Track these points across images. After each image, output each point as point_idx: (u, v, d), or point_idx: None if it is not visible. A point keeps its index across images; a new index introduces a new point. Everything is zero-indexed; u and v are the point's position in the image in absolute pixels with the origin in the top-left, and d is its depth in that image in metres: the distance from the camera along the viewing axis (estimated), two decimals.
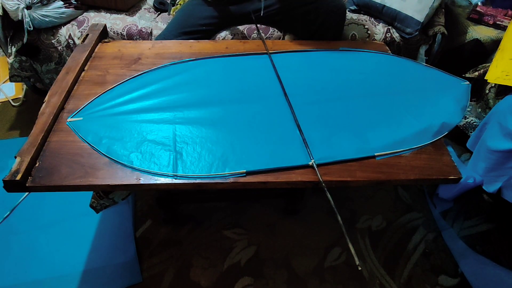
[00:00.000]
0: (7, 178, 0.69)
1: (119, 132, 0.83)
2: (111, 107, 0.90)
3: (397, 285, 1.13)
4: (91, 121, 0.86)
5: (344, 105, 0.94)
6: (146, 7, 1.58)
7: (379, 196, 1.39)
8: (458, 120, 0.94)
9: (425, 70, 1.11)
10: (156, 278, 1.12)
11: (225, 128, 0.86)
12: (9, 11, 1.35)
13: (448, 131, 0.90)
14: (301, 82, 1.01)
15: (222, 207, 1.32)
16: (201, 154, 0.79)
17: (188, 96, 0.94)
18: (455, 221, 1.30)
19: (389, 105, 0.95)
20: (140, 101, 0.92)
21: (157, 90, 0.95)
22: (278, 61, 1.07)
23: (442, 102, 0.98)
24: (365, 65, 1.10)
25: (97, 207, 1.05)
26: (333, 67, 1.08)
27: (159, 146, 0.81)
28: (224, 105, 0.93)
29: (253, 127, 0.87)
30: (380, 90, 1.00)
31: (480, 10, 1.52)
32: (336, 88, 0.99)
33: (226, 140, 0.83)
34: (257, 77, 1.01)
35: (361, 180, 0.77)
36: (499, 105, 1.20)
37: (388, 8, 1.41)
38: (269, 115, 0.90)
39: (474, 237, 1.26)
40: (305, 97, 0.95)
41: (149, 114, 0.89)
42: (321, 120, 0.89)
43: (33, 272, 1.11)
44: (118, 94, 0.93)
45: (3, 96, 1.83)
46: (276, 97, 0.95)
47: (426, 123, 0.90)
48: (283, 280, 1.13)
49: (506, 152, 1.13)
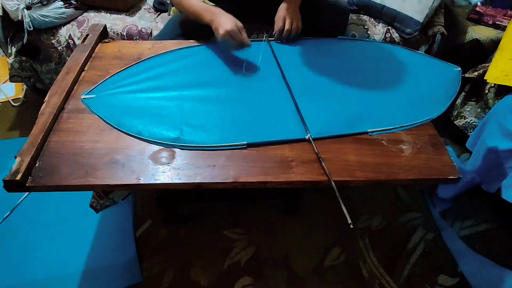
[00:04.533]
0: (7, 178, 0.69)
1: (128, 108, 0.89)
2: (122, 86, 0.96)
3: (396, 285, 1.14)
4: (103, 99, 0.92)
5: (340, 87, 1.00)
6: (146, 7, 1.58)
7: (379, 196, 1.39)
8: (448, 102, 0.99)
9: (418, 57, 1.16)
10: (156, 278, 1.12)
11: (227, 105, 0.92)
12: (9, 12, 1.36)
13: (440, 113, 0.95)
14: (299, 66, 1.06)
15: (222, 207, 1.32)
16: (205, 126, 0.85)
17: (193, 77, 1.01)
18: (454, 220, 1.31)
19: (383, 87, 1.01)
20: (149, 81, 0.98)
21: (165, 72, 1.01)
22: (277, 47, 1.13)
23: (433, 86, 1.04)
24: (361, 51, 1.16)
25: (97, 207, 1.06)
26: (330, 53, 1.14)
27: (166, 120, 0.86)
28: (226, 85, 0.99)
29: (253, 104, 0.93)
30: (375, 74, 1.06)
31: (480, 10, 1.52)
32: (333, 71, 1.04)
33: (228, 115, 0.89)
34: (257, 61, 1.07)
35: (361, 180, 0.77)
36: (499, 105, 1.20)
37: (388, 8, 1.41)
38: (268, 94, 0.96)
39: (473, 236, 1.26)
40: (302, 80, 1.01)
41: (157, 93, 0.95)
42: (318, 99, 0.95)
43: (33, 272, 1.12)
44: (128, 75, 1.00)
45: (3, 96, 1.83)
46: (275, 78, 1.01)
47: (418, 104, 0.96)
48: (283, 280, 1.13)
49: (506, 152, 1.14)
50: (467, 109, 1.41)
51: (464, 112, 1.42)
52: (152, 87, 0.96)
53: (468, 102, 1.42)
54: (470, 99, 1.41)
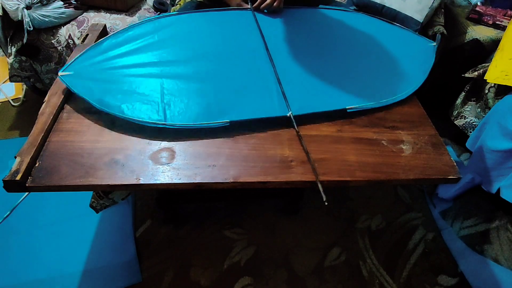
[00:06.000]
0: (7, 178, 0.69)
1: (109, 85, 0.87)
2: (100, 61, 0.92)
3: (396, 285, 1.14)
4: (82, 75, 0.88)
5: (321, 62, 1.02)
6: (146, 7, 1.58)
7: (379, 196, 1.39)
8: (423, 77, 1.02)
9: (397, 30, 1.17)
10: (156, 278, 1.12)
11: (210, 81, 0.92)
12: (9, 11, 1.36)
13: (415, 89, 0.98)
14: (283, 38, 1.07)
15: (222, 207, 1.32)
16: (187, 105, 0.85)
17: (174, 50, 0.99)
18: (454, 220, 1.31)
19: (362, 62, 1.04)
20: (128, 56, 0.95)
21: (145, 45, 0.99)
22: (260, 17, 1.12)
23: (409, 61, 1.06)
24: (341, 24, 1.16)
25: (97, 207, 1.06)
26: (313, 24, 1.15)
27: (148, 98, 0.85)
28: (208, 60, 0.98)
29: (236, 81, 0.93)
30: (353, 49, 1.08)
31: (480, 10, 1.52)
32: (313, 45, 1.06)
33: (211, 93, 0.89)
34: (240, 32, 1.07)
35: (361, 180, 0.77)
36: (499, 105, 1.20)
37: (388, 8, 1.41)
38: (251, 70, 0.96)
39: (473, 236, 1.26)
40: (285, 53, 1.02)
41: (137, 68, 0.93)
42: (300, 76, 0.96)
43: (33, 272, 1.12)
44: (106, 48, 0.96)
45: (3, 96, 1.83)
46: (258, 51, 1.01)
47: (394, 80, 0.99)
48: (283, 280, 1.13)
49: (506, 152, 1.14)
50: (467, 109, 1.41)
51: (464, 112, 1.42)
52: (132, 63, 0.94)
53: (468, 102, 1.42)
54: (470, 99, 1.41)
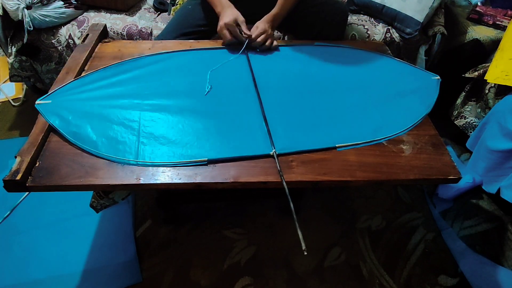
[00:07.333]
0: (7, 178, 0.69)
1: (85, 117, 0.84)
2: (80, 92, 0.91)
3: (396, 285, 1.14)
4: (60, 105, 0.86)
5: (312, 99, 0.96)
6: (146, 7, 1.58)
7: (379, 196, 1.39)
8: (425, 112, 0.93)
9: (395, 65, 1.11)
10: (156, 278, 1.12)
11: (191, 117, 0.88)
12: (9, 11, 1.35)
13: (415, 125, 0.90)
14: (273, 75, 1.03)
15: (222, 207, 1.32)
16: (164, 142, 0.81)
17: (157, 84, 0.96)
18: (454, 221, 1.31)
19: (356, 100, 0.97)
20: (109, 88, 0.93)
21: (128, 79, 0.97)
22: (254, 56, 1.09)
23: (410, 97, 0.99)
24: (336, 60, 1.12)
25: (97, 207, 1.06)
26: (306, 61, 1.10)
27: (124, 133, 0.82)
28: (193, 96, 0.94)
29: (219, 117, 0.88)
30: (349, 85, 1.02)
31: (480, 10, 1.52)
32: (306, 82, 1.02)
33: (192, 128, 0.84)
34: (230, 69, 1.03)
35: (361, 180, 0.77)
36: (499, 105, 1.20)
37: (388, 8, 1.41)
38: (237, 106, 0.92)
39: (473, 237, 1.26)
40: (275, 90, 0.97)
41: (117, 100, 0.90)
42: (288, 113, 0.91)
43: (33, 272, 1.12)
44: (89, 81, 0.95)
45: (3, 96, 1.83)
46: (246, 89, 0.97)
47: (392, 117, 0.92)
48: (283, 280, 1.13)
49: (506, 152, 1.14)
50: (467, 109, 1.41)
51: (464, 112, 1.42)
52: (112, 94, 0.91)
53: (468, 102, 1.42)
54: (470, 99, 1.41)
